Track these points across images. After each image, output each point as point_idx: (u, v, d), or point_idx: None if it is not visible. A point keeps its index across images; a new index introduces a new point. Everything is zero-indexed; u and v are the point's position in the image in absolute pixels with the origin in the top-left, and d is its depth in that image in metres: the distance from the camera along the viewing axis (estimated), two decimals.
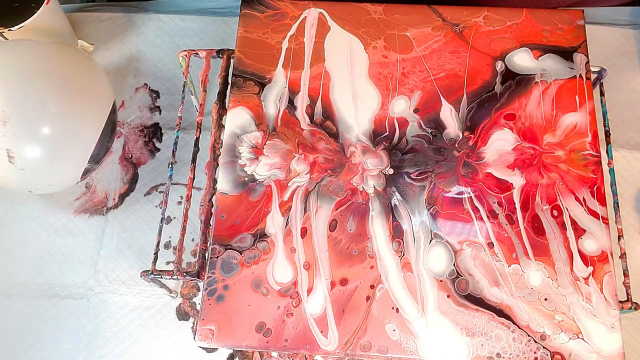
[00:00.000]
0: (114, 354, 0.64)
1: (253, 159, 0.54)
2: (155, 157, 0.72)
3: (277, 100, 0.56)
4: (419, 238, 0.51)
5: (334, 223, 0.52)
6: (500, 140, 0.55)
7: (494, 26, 0.59)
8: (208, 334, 0.49)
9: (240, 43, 0.59)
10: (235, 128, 0.55)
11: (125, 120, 0.74)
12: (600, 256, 0.51)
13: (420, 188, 0.53)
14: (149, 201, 0.70)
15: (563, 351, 0.48)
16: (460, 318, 0.49)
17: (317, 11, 0.60)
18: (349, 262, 0.51)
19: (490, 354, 0.48)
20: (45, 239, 0.69)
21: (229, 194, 0.53)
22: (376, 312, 0.49)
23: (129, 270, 0.67)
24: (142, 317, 0.66)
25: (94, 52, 0.77)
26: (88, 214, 0.70)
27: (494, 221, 0.52)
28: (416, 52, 0.58)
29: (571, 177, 0.53)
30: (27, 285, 0.67)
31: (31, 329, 0.65)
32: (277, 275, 0.51)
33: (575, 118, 0.55)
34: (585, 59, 0.57)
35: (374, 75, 0.57)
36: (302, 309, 0.50)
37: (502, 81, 0.57)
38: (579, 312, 0.49)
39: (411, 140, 0.55)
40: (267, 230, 0.52)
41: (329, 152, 0.55)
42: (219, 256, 0.51)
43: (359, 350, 0.48)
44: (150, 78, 0.76)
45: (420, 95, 0.56)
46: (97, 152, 0.62)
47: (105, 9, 0.80)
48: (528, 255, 0.51)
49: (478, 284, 0.50)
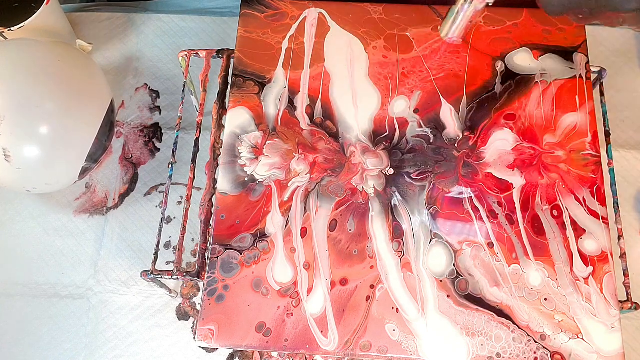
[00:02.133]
0: (114, 354, 0.64)
1: (253, 159, 0.54)
2: (155, 157, 0.72)
3: (277, 100, 0.56)
4: (419, 238, 0.51)
5: (334, 223, 0.52)
6: (500, 141, 0.55)
7: (494, 26, 0.59)
8: (208, 334, 0.49)
9: (240, 43, 0.59)
10: (235, 128, 0.55)
11: (125, 120, 0.74)
12: (600, 256, 0.51)
13: (420, 188, 0.53)
14: (149, 201, 0.70)
15: (563, 351, 0.48)
16: (460, 318, 0.49)
17: (317, 11, 0.60)
18: (349, 262, 0.51)
19: (490, 354, 0.48)
20: (45, 239, 0.69)
21: (229, 194, 0.53)
22: (376, 312, 0.49)
23: (129, 270, 0.67)
24: (142, 317, 0.66)
25: (93, 52, 0.77)
26: (88, 214, 0.70)
27: (494, 221, 0.52)
28: (416, 52, 0.58)
29: (571, 177, 0.53)
30: (27, 285, 0.67)
31: (31, 329, 0.65)
32: (277, 275, 0.50)
33: (575, 118, 0.55)
34: (585, 59, 0.57)
35: (373, 75, 0.57)
36: (302, 309, 0.50)
37: (502, 81, 0.57)
38: (579, 312, 0.49)
39: (411, 141, 0.55)
40: (267, 230, 0.52)
41: (329, 152, 0.55)
42: (219, 256, 0.51)
43: (359, 350, 0.48)
44: (150, 78, 0.76)
45: (420, 96, 0.56)
46: (94, 151, 0.62)
47: (105, 9, 0.80)
48: (528, 255, 0.51)
49: (478, 284, 0.50)
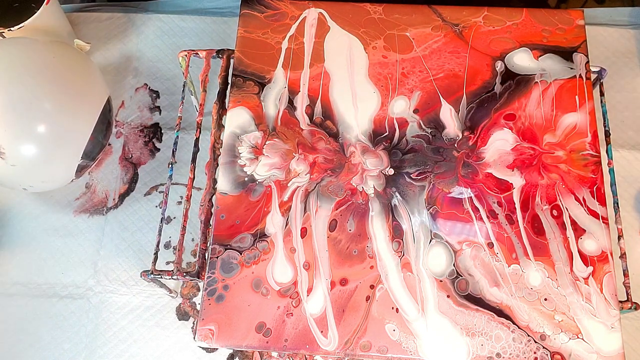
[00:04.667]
0: (114, 354, 0.64)
1: (253, 159, 0.54)
2: (155, 157, 0.72)
3: (277, 100, 0.56)
4: (418, 238, 0.51)
5: (334, 223, 0.52)
6: (500, 141, 0.55)
7: (493, 26, 0.59)
8: (208, 334, 0.49)
9: (240, 43, 0.59)
10: (235, 128, 0.55)
11: (125, 120, 0.74)
12: (600, 256, 0.51)
13: (420, 188, 0.53)
14: (149, 201, 0.70)
15: (563, 351, 0.48)
16: (460, 318, 0.49)
17: (316, 11, 0.60)
18: (349, 262, 0.51)
19: (490, 354, 0.48)
20: (45, 239, 0.69)
21: (229, 194, 0.53)
22: (376, 312, 0.49)
23: (129, 270, 0.67)
24: (142, 317, 0.66)
25: (94, 52, 0.77)
26: (88, 214, 0.70)
27: (493, 221, 0.52)
28: (416, 52, 0.58)
29: (571, 177, 0.53)
30: (27, 285, 0.67)
31: (31, 329, 0.65)
32: (277, 275, 0.50)
33: (575, 118, 0.55)
34: (585, 59, 0.57)
35: (373, 75, 0.57)
36: (302, 309, 0.50)
37: (502, 81, 0.57)
38: (578, 312, 0.49)
39: (411, 141, 0.55)
40: (267, 230, 0.52)
41: (329, 152, 0.55)
42: (218, 256, 0.51)
43: (359, 350, 0.48)
44: (150, 78, 0.76)
45: (420, 96, 0.56)
46: (90, 148, 0.62)
47: (105, 9, 0.80)
48: (528, 255, 0.51)
49: (478, 284, 0.50)
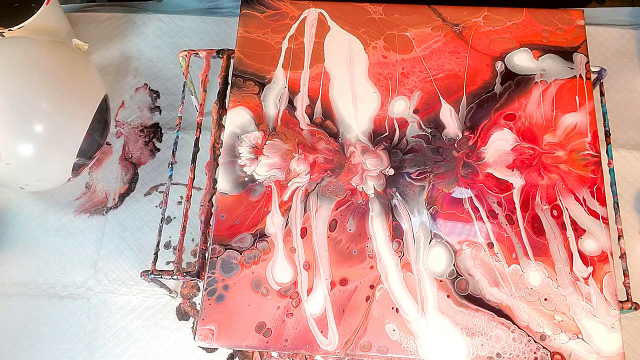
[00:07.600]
0: (114, 354, 0.64)
1: (253, 159, 0.54)
2: (155, 157, 0.72)
3: (277, 100, 0.56)
4: (418, 238, 0.51)
5: (334, 223, 0.52)
6: (500, 141, 0.55)
7: (493, 26, 0.59)
8: (208, 334, 0.49)
9: (240, 43, 0.59)
10: (235, 128, 0.55)
11: (125, 120, 0.74)
12: (600, 256, 0.51)
13: (420, 188, 0.53)
14: (149, 201, 0.70)
15: (563, 351, 0.48)
16: (460, 318, 0.49)
17: (316, 11, 0.60)
18: (349, 262, 0.51)
19: (490, 354, 0.48)
20: (45, 239, 0.69)
21: (229, 194, 0.53)
22: (376, 312, 0.49)
23: (129, 270, 0.67)
24: (142, 317, 0.66)
25: (94, 52, 0.77)
26: (88, 214, 0.70)
27: (493, 221, 0.52)
28: (416, 52, 0.58)
29: (571, 177, 0.53)
30: (27, 285, 0.67)
31: (31, 329, 0.65)
32: (277, 275, 0.50)
33: (575, 118, 0.55)
34: (585, 59, 0.57)
35: (373, 75, 0.57)
36: (302, 309, 0.50)
37: (502, 81, 0.57)
38: (578, 312, 0.49)
39: (411, 141, 0.55)
40: (267, 230, 0.52)
41: (329, 152, 0.55)
42: (219, 256, 0.51)
43: (359, 350, 0.48)
44: (150, 78, 0.76)
45: (420, 96, 0.56)
46: (86, 146, 0.62)
47: (105, 9, 0.80)
48: (528, 255, 0.51)
49: (478, 284, 0.50)
